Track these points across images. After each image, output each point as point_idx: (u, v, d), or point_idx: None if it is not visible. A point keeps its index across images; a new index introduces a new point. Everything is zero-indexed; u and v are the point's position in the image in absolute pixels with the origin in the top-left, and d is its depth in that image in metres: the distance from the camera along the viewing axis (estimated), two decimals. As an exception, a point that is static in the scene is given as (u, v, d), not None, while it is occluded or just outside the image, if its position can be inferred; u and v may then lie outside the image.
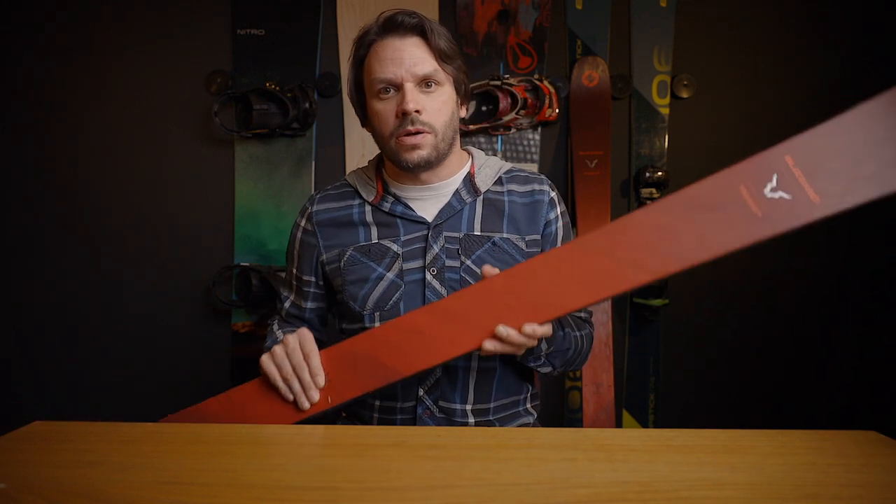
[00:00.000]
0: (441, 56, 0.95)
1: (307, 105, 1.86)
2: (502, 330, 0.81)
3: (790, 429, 0.75)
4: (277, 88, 1.84)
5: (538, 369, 0.98)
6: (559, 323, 0.97)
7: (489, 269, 0.84)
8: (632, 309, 1.97)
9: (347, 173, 1.11)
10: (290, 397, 0.88)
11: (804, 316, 1.98)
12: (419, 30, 0.95)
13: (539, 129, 1.96)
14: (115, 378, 1.95)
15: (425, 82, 0.95)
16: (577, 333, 1.01)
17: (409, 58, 0.93)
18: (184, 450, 0.68)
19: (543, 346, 0.93)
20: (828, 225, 2.15)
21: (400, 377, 0.85)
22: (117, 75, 1.94)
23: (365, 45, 0.98)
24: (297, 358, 0.87)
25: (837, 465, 0.65)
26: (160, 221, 1.96)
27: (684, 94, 1.96)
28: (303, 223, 1.06)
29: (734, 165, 0.75)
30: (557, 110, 1.90)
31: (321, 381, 0.87)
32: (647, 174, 1.91)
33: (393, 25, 0.95)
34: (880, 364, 1.95)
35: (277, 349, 0.89)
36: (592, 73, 1.93)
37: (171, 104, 1.95)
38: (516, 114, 1.84)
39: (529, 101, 1.86)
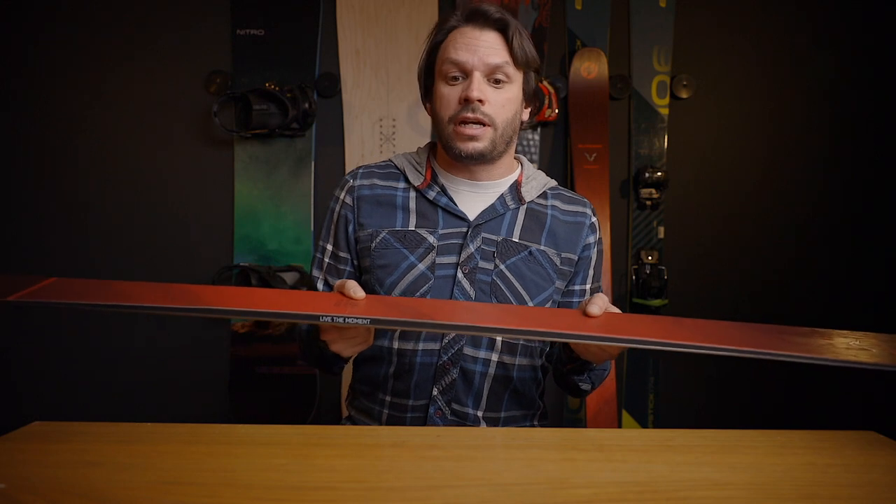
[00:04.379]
0: (517, 55, 0.95)
1: (307, 105, 1.86)
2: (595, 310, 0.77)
3: (790, 429, 0.75)
4: (277, 89, 1.84)
5: (580, 385, 0.99)
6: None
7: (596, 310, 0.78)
8: (631, 309, 1.97)
9: (394, 156, 1.08)
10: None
11: (804, 316, 1.98)
12: (500, 25, 0.95)
13: (539, 129, 1.96)
14: (116, 378, 1.95)
15: (494, 78, 0.94)
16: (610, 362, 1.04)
17: (484, 47, 0.94)
18: (184, 450, 0.68)
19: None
20: (828, 225, 2.15)
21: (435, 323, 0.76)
22: (117, 75, 1.94)
23: (444, 31, 0.98)
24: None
25: (836, 465, 0.65)
26: (160, 221, 1.96)
27: (684, 95, 1.96)
28: (342, 196, 1.04)
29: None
30: (557, 110, 1.90)
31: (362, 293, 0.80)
32: (647, 174, 1.91)
33: (476, 16, 0.95)
34: (880, 364, 1.95)
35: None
36: (591, 66, 1.93)
37: (171, 104, 1.95)
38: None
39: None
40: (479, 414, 0.98)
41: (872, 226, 1.96)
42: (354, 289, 0.78)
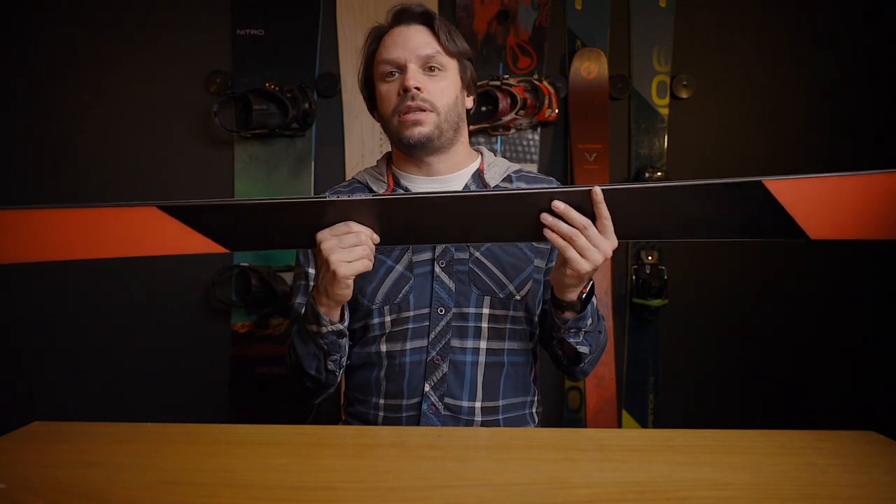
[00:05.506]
0: (445, 45, 0.99)
1: (307, 105, 1.86)
2: (559, 204, 0.77)
3: (790, 429, 0.75)
4: (277, 89, 1.84)
5: (578, 347, 0.96)
6: (595, 307, 0.97)
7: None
8: (631, 309, 1.97)
9: (355, 173, 1.12)
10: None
11: (804, 316, 1.98)
12: (425, 18, 1.01)
13: (538, 130, 1.96)
14: (116, 378, 1.95)
15: (429, 66, 0.99)
16: (604, 324, 1.02)
17: (414, 41, 0.99)
18: (184, 450, 0.69)
19: (590, 319, 0.93)
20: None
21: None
22: (117, 75, 1.94)
23: (377, 38, 1.04)
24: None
25: (836, 465, 0.65)
26: (160, 221, 1.95)
27: (684, 95, 1.96)
28: None
29: None
30: (557, 110, 1.90)
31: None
32: (647, 174, 1.91)
33: (401, 15, 1.02)
34: (880, 364, 1.95)
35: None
36: (591, 66, 1.93)
37: (171, 104, 1.95)
38: (516, 114, 1.84)
39: (529, 101, 1.86)
40: (476, 405, 0.98)
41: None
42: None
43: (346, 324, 0.93)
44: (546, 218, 0.78)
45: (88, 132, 1.95)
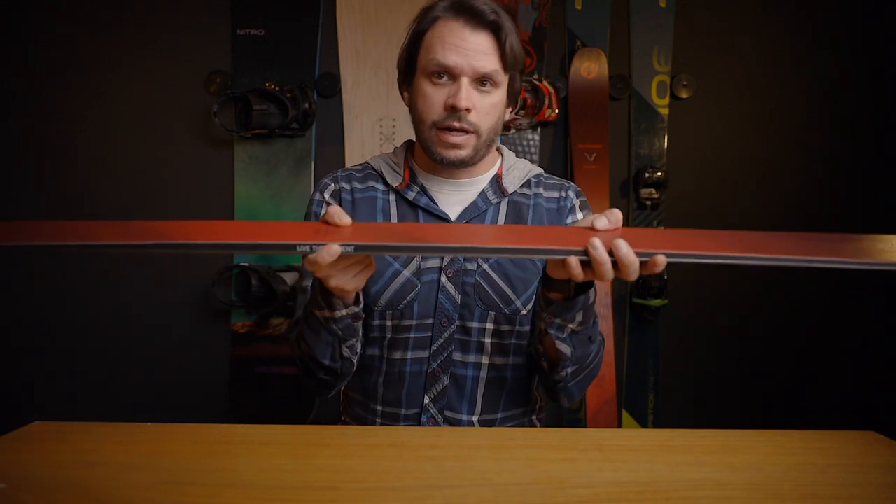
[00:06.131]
0: (506, 59, 0.90)
1: (307, 105, 1.86)
2: (625, 251, 0.67)
3: (790, 429, 0.75)
4: (277, 89, 1.84)
5: (557, 343, 0.86)
6: (591, 303, 0.89)
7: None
8: (631, 309, 1.97)
9: (371, 158, 1.05)
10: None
11: (804, 316, 1.98)
12: (494, 27, 0.89)
13: (538, 130, 1.96)
14: (115, 378, 1.95)
15: (482, 80, 0.89)
16: (601, 337, 0.94)
17: (475, 52, 0.88)
18: (184, 450, 0.68)
19: (578, 316, 0.84)
20: (828, 225, 2.16)
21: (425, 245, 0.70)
22: (117, 75, 1.94)
23: (430, 18, 0.92)
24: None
25: (836, 466, 0.65)
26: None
27: (684, 95, 1.96)
28: (326, 198, 0.99)
29: None
30: (557, 110, 1.90)
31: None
32: (647, 174, 1.91)
33: (469, 12, 0.89)
34: (880, 364, 1.95)
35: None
36: (591, 66, 1.93)
37: (171, 104, 1.95)
38: (516, 114, 1.84)
39: (529, 101, 1.86)
40: (474, 419, 0.95)
41: (872, 226, 1.96)
42: (339, 214, 0.71)
43: (360, 306, 0.86)
44: (595, 245, 0.68)
45: (88, 132, 1.95)
